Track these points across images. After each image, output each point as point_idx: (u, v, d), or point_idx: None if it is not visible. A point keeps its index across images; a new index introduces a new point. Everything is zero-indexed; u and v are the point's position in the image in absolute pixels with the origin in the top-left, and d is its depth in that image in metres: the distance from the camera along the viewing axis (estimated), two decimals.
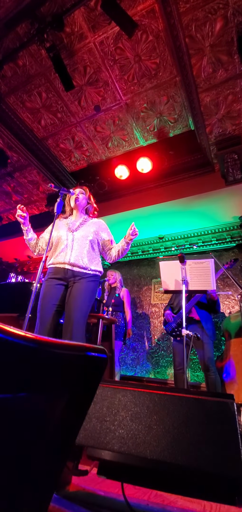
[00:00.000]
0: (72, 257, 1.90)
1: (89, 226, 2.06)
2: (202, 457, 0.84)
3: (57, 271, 1.91)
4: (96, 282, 1.99)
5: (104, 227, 2.12)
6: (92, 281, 1.93)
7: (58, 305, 1.86)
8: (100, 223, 2.12)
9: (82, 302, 1.84)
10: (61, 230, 2.03)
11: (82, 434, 0.95)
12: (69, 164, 3.86)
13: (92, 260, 1.97)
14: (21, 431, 0.42)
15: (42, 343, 0.36)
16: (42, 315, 1.82)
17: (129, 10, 2.12)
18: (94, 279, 1.96)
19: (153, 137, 3.30)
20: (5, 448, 0.40)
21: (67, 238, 1.98)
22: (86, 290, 1.88)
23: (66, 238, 1.98)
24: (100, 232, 2.06)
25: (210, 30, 2.19)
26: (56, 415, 0.46)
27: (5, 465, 0.41)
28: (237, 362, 2.80)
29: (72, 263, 1.89)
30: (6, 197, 4.58)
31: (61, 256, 1.93)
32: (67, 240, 1.96)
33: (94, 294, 1.96)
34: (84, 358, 0.44)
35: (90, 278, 1.92)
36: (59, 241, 1.98)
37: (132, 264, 5.25)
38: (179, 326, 2.91)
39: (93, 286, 1.94)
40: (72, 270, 1.89)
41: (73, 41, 2.42)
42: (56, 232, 2.03)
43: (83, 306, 1.84)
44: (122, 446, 0.91)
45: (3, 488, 0.43)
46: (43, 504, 0.50)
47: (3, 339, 0.32)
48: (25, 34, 2.38)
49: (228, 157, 3.12)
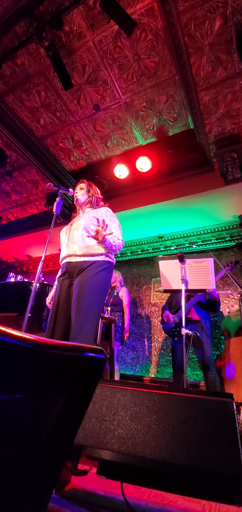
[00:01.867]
0: (69, 249, 1.80)
1: (88, 214, 1.92)
2: (201, 456, 0.84)
3: (62, 268, 1.85)
4: (104, 268, 1.69)
5: (104, 212, 1.90)
6: (96, 268, 1.67)
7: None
8: (101, 210, 1.93)
9: (85, 300, 1.59)
10: (66, 226, 2.01)
11: (82, 434, 0.95)
12: (68, 163, 3.85)
13: (89, 245, 1.75)
14: (19, 432, 0.42)
15: (39, 344, 0.36)
16: (53, 317, 1.74)
17: (127, 9, 2.11)
18: (99, 265, 1.68)
19: (152, 136, 3.30)
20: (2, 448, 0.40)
21: (66, 232, 1.93)
22: (88, 282, 1.62)
23: (66, 233, 1.93)
24: (98, 217, 1.83)
25: (209, 29, 2.19)
26: (55, 415, 0.46)
27: (3, 465, 0.41)
28: (237, 361, 2.80)
29: (70, 254, 1.77)
30: (5, 197, 4.57)
31: (62, 252, 1.89)
32: (66, 234, 1.91)
33: (102, 283, 1.67)
34: (82, 359, 0.44)
35: (94, 265, 1.68)
36: (63, 238, 1.95)
37: (132, 263, 5.25)
38: (177, 326, 2.90)
39: (99, 275, 1.65)
40: (71, 262, 1.76)
41: (72, 40, 2.41)
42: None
43: (86, 304, 1.58)
44: (121, 446, 0.91)
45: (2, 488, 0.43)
46: (42, 504, 0.50)
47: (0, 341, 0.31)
48: (24, 32, 2.37)
49: (227, 156, 3.11)
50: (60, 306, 1.73)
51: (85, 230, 1.79)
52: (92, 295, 1.63)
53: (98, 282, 1.67)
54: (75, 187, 2.11)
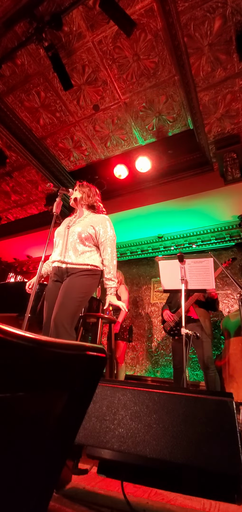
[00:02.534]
0: (63, 254, 1.82)
1: (85, 219, 1.95)
2: (201, 455, 0.84)
3: (54, 270, 1.87)
4: (89, 276, 1.78)
5: (99, 220, 1.93)
6: (81, 276, 1.75)
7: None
8: (99, 217, 1.96)
9: (67, 300, 1.67)
10: (62, 226, 2.00)
11: (82, 433, 0.96)
12: (68, 164, 3.85)
13: (82, 254, 1.81)
14: (20, 430, 0.42)
15: (41, 343, 0.36)
16: (45, 317, 1.80)
17: (127, 9, 2.12)
18: (85, 274, 1.77)
19: (152, 136, 3.30)
20: (3, 447, 0.40)
21: (64, 234, 1.93)
22: (73, 285, 1.71)
23: (62, 234, 1.93)
24: (94, 225, 1.89)
25: (208, 29, 2.19)
26: (56, 414, 0.47)
27: (4, 464, 0.41)
28: (236, 360, 2.81)
29: (63, 260, 1.81)
30: (5, 197, 4.57)
31: (56, 253, 1.90)
32: (63, 237, 1.92)
33: (84, 290, 1.76)
34: (84, 357, 0.44)
35: (80, 273, 1.76)
36: (58, 238, 1.96)
37: (131, 263, 5.25)
38: (177, 325, 2.91)
39: (82, 281, 1.74)
40: (62, 267, 1.81)
41: (72, 40, 2.41)
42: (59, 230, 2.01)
43: (67, 304, 1.67)
44: (121, 445, 0.91)
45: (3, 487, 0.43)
46: (43, 502, 0.51)
47: (2, 339, 0.32)
48: (23, 33, 2.37)
49: (227, 156, 3.12)
50: (50, 306, 1.79)
51: (80, 238, 1.84)
52: (76, 298, 1.72)
53: (79, 285, 1.74)
54: (75, 188, 2.12)
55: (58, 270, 1.83)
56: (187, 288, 2.24)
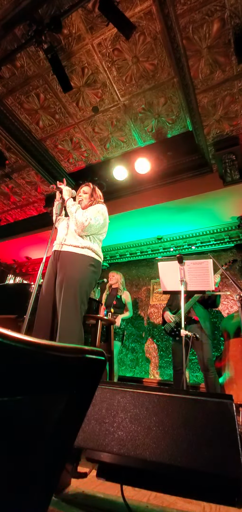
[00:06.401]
0: (63, 237, 1.85)
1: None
2: (201, 458, 0.83)
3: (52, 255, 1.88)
4: (87, 260, 1.74)
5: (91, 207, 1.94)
6: (80, 259, 1.71)
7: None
8: (93, 205, 1.99)
9: (68, 290, 1.60)
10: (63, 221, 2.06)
11: (81, 436, 0.95)
12: (67, 165, 3.85)
13: (78, 237, 1.81)
14: (19, 434, 0.42)
15: (40, 346, 0.36)
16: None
17: (126, 12, 2.13)
18: (84, 256, 1.73)
19: (151, 138, 3.31)
20: (2, 451, 0.40)
21: (64, 222, 1.99)
22: (71, 273, 1.65)
23: (63, 223, 2.00)
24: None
25: (207, 32, 2.20)
26: (55, 417, 0.46)
27: (2, 468, 0.41)
28: (236, 362, 2.80)
29: (62, 242, 1.82)
30: (4, 198, 4.57)
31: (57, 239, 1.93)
32: (63, 224, 1.97)
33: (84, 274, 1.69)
34: (82, 360, 0.44)
35: (79, 256, 1.73)
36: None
37: (131, 264, 5.25)
38: (178, 326, 2.91)
39: (81, 264, 1.69)
40: (59, 250, 1.80)
41: (71, 43, 2.42)
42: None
43: (70, 295, 1.61)
44: (121, 448, 0.90)
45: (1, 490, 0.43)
46: (42, 507, 0.50)
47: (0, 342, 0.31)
48: (23, 35, 2.38)
49: (226, 158, 3.13)
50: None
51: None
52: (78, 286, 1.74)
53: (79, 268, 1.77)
54: (79, 190, 2.11)
55: (54, 254, 1.88)
56: (186, 289, 2.24)
